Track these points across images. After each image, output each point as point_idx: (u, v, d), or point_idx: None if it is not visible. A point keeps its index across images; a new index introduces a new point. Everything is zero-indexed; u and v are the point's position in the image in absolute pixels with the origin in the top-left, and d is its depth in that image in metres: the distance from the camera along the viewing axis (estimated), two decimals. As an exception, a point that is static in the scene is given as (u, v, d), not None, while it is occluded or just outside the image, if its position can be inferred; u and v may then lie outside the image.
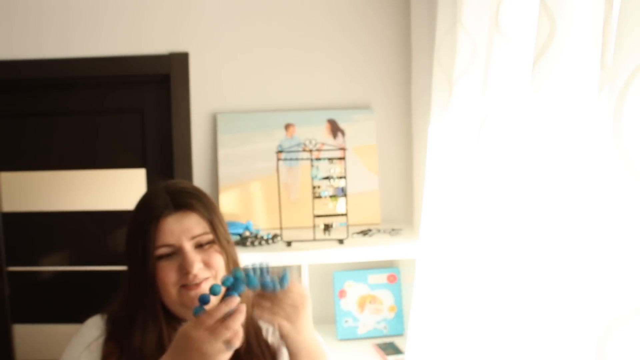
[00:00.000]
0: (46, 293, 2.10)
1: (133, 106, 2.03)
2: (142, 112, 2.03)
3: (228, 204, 1.89)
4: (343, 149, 1.70)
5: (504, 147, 1.13)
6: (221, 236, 1.06)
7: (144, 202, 1.08)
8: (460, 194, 1.33)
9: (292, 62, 1.97)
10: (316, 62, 1.98)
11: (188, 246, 1.02)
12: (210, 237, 1.04)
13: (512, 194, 1.08)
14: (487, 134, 1.18)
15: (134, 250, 1.03)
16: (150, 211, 1.03)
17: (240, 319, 0.88)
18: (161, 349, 1.01)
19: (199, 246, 1.04)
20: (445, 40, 1.47)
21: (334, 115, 1.96)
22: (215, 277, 1.04)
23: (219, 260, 1.04)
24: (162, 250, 1.02)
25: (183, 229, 1.02)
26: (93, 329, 1.08)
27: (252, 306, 1.12)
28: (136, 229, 1.04)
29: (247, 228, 1.74)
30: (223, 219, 1.11)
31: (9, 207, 2.07)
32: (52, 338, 2.09)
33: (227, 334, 0.86)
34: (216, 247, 1.05)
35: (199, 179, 1.95)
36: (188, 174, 1.94)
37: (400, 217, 2.01)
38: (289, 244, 1.67)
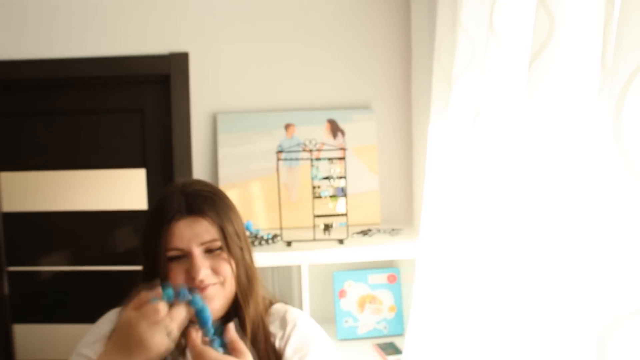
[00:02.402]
0: (46, 293, 2.10)
1: (133, 106, 2.03)
2: (142, 112, 2.03)
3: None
4: (343, 149, 1.70)
5: (504, 147, 1.13)
6: (232, 243, 1.05)
7: (159, 203, 1.08)
8: (460, 194, 1.33)
9: (292, 62, 1.97)
10: (316, 62, 1.98)
11: (197, 251, 1.02)
12: (217, 244, 1.04)
13: (512, 194, 1.08)
14: (486, 134, 1.18)
15: (147, 251, 1.05)
16: (163, 213, 1.04)
17: (182, 312, 0.90)
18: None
19: (210, 251, 1.04)
20: (445, 41, 1.47)
21: (334, 115, 1.96)
22: (223, 284, 1.04)
23: (226, 268, 1.04)
24: (172, 253, 1.03)
25: (193, 234, 1.02)
26: (107, 323, 1.11)
27: (263, 314, 1.12)
28: (149, 230, 1.05)
29: (247, 228, 1.74)
30: (239, 223, 1.10)
31: (9, 207, 2.07)
32: (52, 338, 2.09)
33: (171, 325, 0.88)
34: (225, 255, 1.04)
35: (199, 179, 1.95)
36: (188, 174, 1.94)
37: (400, 217, 2.01)
38: (289, 244, 1.67)
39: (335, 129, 1.96)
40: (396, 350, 1.77)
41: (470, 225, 1.26)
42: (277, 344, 1.11)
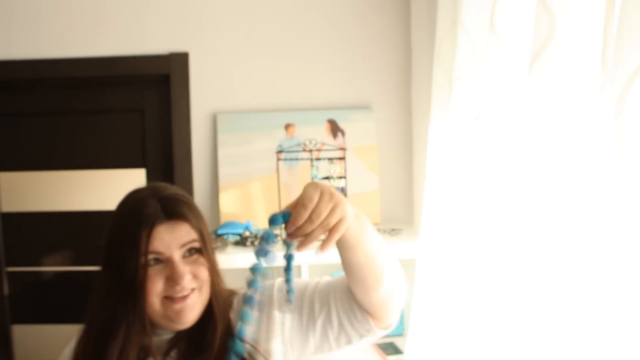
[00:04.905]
0: (46, 293, 2.09)
1: (133, 106, 2.03)
2: (142, 112, 2.03)
3: (228, 204, 1.89)
4: (343, 149, 1.71)
5: (504, 147, 1.13)
6: (209, 247, 1.03)
7: (132, 209, 1.02)
8: (461, 194, 1.33)
9: (292, 62, 1.97)
10: (316, 62, 1.98)
11: (177, 256, 0.99)
12: (197, 245, 1.01)
13: (513, 194, 1.08)
14: (487, 133, 1.18)
15: (121, 258, 0.98)
16: (141, 219, 0.98)
17: None
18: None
19: (187, 255, 1.01)
20: (445, 41, 1.47)
21: (334, 115, 1.96)
22: (200, 288, 1.01)
23: (204, 273, 1.01)
24: (149, 257, 0.98)
25: (173, 237, 0.99)
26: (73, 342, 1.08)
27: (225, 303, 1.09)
28: (124, 237, 0.99)
29: (247, 228, 1.74)
30: (208, 227, 1.08)
31: (9, 207, 2.07)
32: (52, 339, 2.08)
33: None
34: (202, 259, 1.01)
35: (199, 179, 1.95)
36: (188, 174, 1.94)
37: (400, 217, 2.01)
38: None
39: (335, 129, 1.96)
40: (396, 350, 1.77)
41: (470, 225, 1.26)
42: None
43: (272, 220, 0.83)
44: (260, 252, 0.83)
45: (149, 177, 2.04)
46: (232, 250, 1.65)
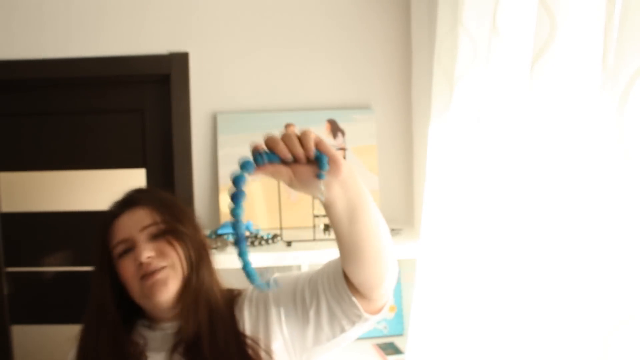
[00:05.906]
0: (45, 293, 2.09)
1: (133, 106, 2.03)
2: (142, 112, 2.03)
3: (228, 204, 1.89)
4: (343, 149, 1.70)
5: (505, 148, 1.13)
6: (177, 226, 1.06)
7: (104, 213, 1.12)
8: (461, 194, 1.33)
9: (292, 62, 1.97)
10: (316, 62, 1.98)
11: (140, 237, 1.04)
12: (163, 227, 1.05)
13: (514, 194, 1.08)
14: (488, 134, 1.18)
15: (96, 255, 1.07)
16: (105, 217, 1.09)
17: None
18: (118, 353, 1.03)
19: (154, 239, 1.05)
20: (446, 41, 1.46)
21: (334, 115, 1.96)
22: (172, 266, 1.04)
23: (174, 252, 1.04)
24: (119, 248, 1.05)
25: (133, 222, 1.05)
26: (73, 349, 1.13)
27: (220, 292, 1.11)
28: (95, 237, 1.09)
29: (247, 228, 1.74)
30: (190, 213, 1.13)
31: (9, 207, 2.07)
32: (51, 339, 2.08)
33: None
34: (170, 237, 1.05)
35: (199, 179, 1.95)
36: (188, 174, 1.94)
37: (400, 217, 2.01)
38: (289, 244, 1.67)
39: (335, 129, 1.96)
40: (396, 350, 1.77)
41: (471, 226, 1.26)
42: (248, 328, 1.07)
43: (244, 166, 0.83)
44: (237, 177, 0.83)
45: (149, 177, 2.04)
46: (232, 250, 1.65)
